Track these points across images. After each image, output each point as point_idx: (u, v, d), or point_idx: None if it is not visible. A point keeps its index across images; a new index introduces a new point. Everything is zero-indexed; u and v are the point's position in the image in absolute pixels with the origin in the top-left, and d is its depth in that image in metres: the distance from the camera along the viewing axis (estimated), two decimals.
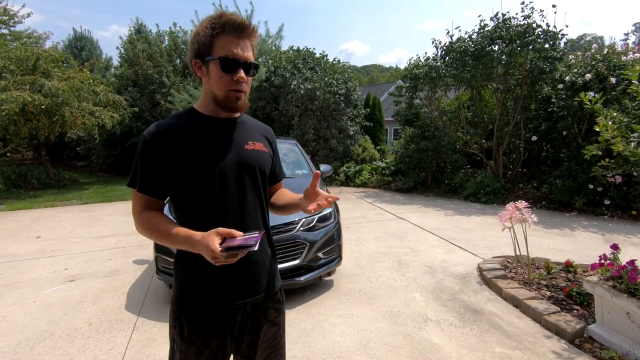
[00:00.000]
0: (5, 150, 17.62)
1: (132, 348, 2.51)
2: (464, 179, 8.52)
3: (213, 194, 1.11)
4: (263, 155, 1.23)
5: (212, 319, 1.12)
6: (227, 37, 1.07)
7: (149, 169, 1.09)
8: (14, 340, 2.63)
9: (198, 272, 1.12)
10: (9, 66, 9.22)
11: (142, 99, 12.65)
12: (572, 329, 2.52)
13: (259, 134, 1.27)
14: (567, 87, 6.68)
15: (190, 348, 1.13)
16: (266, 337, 1.23)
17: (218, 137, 1.14)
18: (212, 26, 1.07)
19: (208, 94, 1.14)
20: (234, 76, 1.08)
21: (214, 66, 1.08)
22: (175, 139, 1.09)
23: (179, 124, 1.12)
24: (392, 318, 2.88)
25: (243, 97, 1.13)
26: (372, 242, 4.87)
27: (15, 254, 4.63)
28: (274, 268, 1.28)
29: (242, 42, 1.09)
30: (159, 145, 1.08)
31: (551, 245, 4.67)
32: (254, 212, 1.18)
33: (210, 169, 1.10)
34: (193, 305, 1.13)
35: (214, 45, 1.07)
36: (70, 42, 20.61)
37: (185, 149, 1.09)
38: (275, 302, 1.26)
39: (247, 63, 1.10)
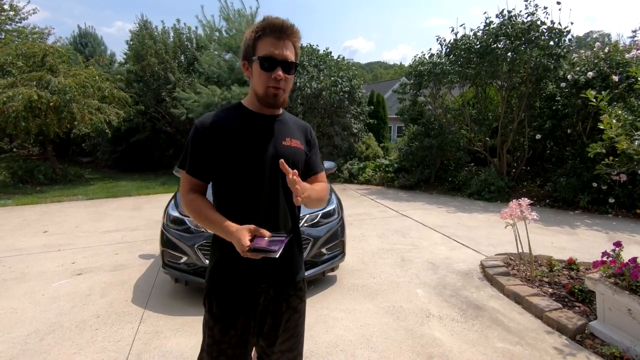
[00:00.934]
0: (12, 146, 17.79)
1: (139, 340, 2.56)
2: (468, 176, 8.52)
3: (250, 183, 1.21)
4: (298, 151, 1.32)
5: (238, 298, 1.24)
6: (268, 38, 1.17)
7: (198, 155, 1.22)
8: (24, 332, 2.69)
9: (230, 255, 1.21)
10: (17, 62, 9.28)
11: (147, 95, 12.71)
12: (574, 326, 2.54)
13: (298, 131, 1.37)
14: (571, 85, 6.65)
15: (217, 325, 1.24)
16: (289, 324, 1.32)
17: (259, 132, 1.25)
18: (256, 30, 1.18)
19: (252, 91, 1.26)
20: (272, 74, 1.17)
21: (256, 65, 1.19)
22: (222, 130, 1.21)
23: (226, 117, 1.25)
24: (394, 313, 2.91)
25: (281, 94, 1.22)
26: (375, 239, 4.90)
27: (23, 248, 4.71)
28: (298, 257, 1.37)
29: (282, 42, 1.17)
30: (207, 134, 1.20)
31: (554, 243, 4.68)
32: (284, 203, 1.28)
33: (249, 160, 1.21)
34: (223, 283, 1.25)
35: (257, 47, 1.19)
36: (74, 38, 20.70)
37: (230, 140, 1.20)
38: (297, 290, 1.35)
39: (285, 62, 1.18)
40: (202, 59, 12.02)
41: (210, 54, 12.01)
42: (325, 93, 9.78)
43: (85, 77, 10.04)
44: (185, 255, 3.03)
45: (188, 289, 3.33)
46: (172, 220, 3.22)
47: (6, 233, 5.47)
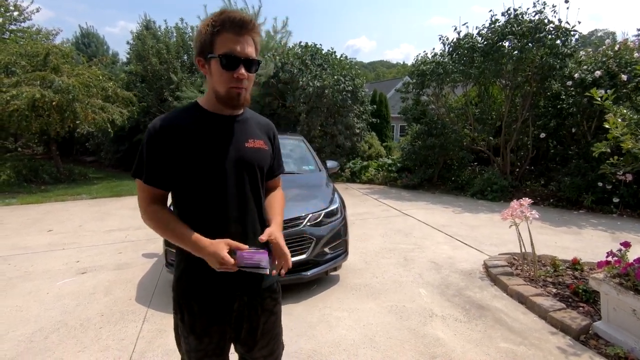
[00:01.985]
0: (16, 145, 17.89)
1: (142, 338, 2.57)
2: (471, 176, 8.49)
3: (213, 190, 1.14)
4: (263, 153, 1.26)
5: (210, 307, 1.18)
6: (227, 34, 1.08)
7: (155, 161, 1.12)
8: (29, 330, 2.70)
9: (197, 263, 1.15)
10: (20, 62, 9.33)
11: (150, 95, 12.75)
12: (578, 326, 2.53)
13: (261, 131, 1.29)
14: (577, 84, 6.61)
15: (191, 335, 1.19)
16: (266, 327, 1.29)
17: (220, 134, 1.16)
18: (213, 24, 1.08)
19: (211, 91, 1.16)
20: (234, 73, 1.09)
21: (215, 63, 1.09)
22: (179, 133, 1.11)
23: (183, 118, 1.15)
24: (397, 313, 2.91)
25: (244, 94, 1.14)
26: (378, 238, 4.89)
27: (28, 247, 4.74)
28: None
29: (242, 38, 1.09)
30: (163, 138, 1.11)
31: (558, 243, 4.66)
32: (252, 209, 1.22)
33: (211, 165, 1.13)
34: (191, 293, 1.19)
35: (215, 43, 1.08)
36: (76, 38, 20.79)
37: (188, 144, 1.11)
38: (271, 292, 1.31)
39: (247, 60, 1.10)
40: None
41: None
42: (328, 91, 9.76)
43: (89, 76, 10.08)
44: None
45: None
46: None
47: (11, 232, 5.50)
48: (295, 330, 2.65)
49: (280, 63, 10.84)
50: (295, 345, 2.47)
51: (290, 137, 5.26)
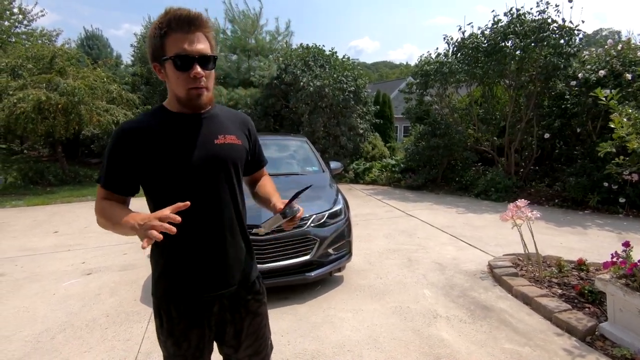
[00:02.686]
0: (22, 148, 18.05)
1: (148, 339, 2.59)
2: (475, 176, 8.46)
3: (185, 190, 1.10)
4: (235, 147, 1.22)
5: (187, 311, 1.16)
6: (176, 34, 1.03)
7: (116, 166, 1.10)
8: (36, 330, 2.73)
9: (174, 265, 1.15)
10: (27, 65, 9.43)
11: (154, 97, 12.84)
12: (584, 327, 2.51)
13: (233, 126, 1.25)
14: (581, 83, 6.57)
15: (170, 339, 1.17)
16: (251, 329, 1.27)
17: (186, 134, 1.13)
18: (160, 25, 1.04)
19: (172, 95, 1.13)
20: (189, 73, 1.04)
21: (169, 66, 1.05)
22: (143, 136, 1.08)
23: (147, 121, 1.12)
24: (401, 314, 2.90)
25: (205, 93, 1.10)
26: (381, 239, 4.89)
27: (34, 248, 4.78)
28: (248, 261, 1.28)
29: (193, 36, 1.04)
30: (127, 143, 1.08)
31: (563, 243, 4.63)
32: (228, 206, 1.19)
33: (179, 166, 1.10)
34: (168, 296, 1.17)
35: (165, 45, 1.04)
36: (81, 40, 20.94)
37: (153, 147, 1.08)
38: (254, 294, 1.28)
39: (201, 57, 1.05)
40: None
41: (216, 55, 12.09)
42: (328, 90, 9.75)
43: (94, 78, 10.16)
44: None
45: None
46: None
47: (18, 233, 5.55)
48: (300, 331, 2.66)
49: (284, 64, 10.87)
50: (300, 346, 2.47)
51: (293, 138, 5.27)
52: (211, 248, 1.16)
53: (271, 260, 3.03)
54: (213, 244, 1.17)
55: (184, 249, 1.15)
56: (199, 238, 1.14)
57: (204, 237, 1.15)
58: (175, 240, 1.10)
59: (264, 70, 11.13)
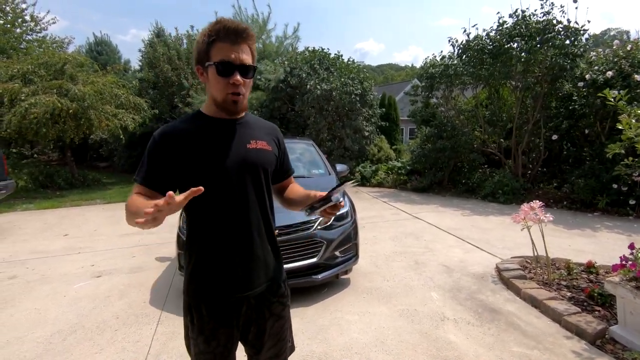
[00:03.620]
0: (33, 152, 18.33)
1: (157, 340, 2.62)
2: (482, 178, 8.40)
3: (217, 191, 1.16)
4: (266, 153, 1.27)
5: (217, 310, 1.20)
6: (223, 43, 1.12)
7: (155, 167, 1.16)
8: (48, 332, 2.78)
9: (204, 264, 1.20)
10: (39, 71, 9.60)
11: (161, 101, 12.98)
12: (593, 330, 2.49)
13: (263, 133, 1.31)
14: (588, 84, 6.51)
15: (200, 337, 1.21)
16: (274, 330, 1.29)
17: (221, 138, 1.20)
18: (209, 33, 1.12)
19: (210, 97, 1.21)
20: (230, 79, 1.13)
21: (212, 71, 1.13)
22: (181, 139, 1.16)
23: (185, 125, 1.20)
24: (408, 316, 2.90)
25: (241, 100, 1.18)
26: (388, 242, 4.88)
27: (45, 251, 4.86)
28: (275, 263, 1.32)
29: (238, 46, 1.13)
30: (166, 145, 1.16)
31: (572, 245, 4.58)
32: (255, 209, 1.24)
33: (213, 168, 1.16)
34: (200, 295, 1.21)
35: (211, 52, 1.13)
36: (90, 46, 21.28)
37: (190, 149, 1.15)
38: (280, 296, 1.32)
39: (243, 66, 1.14)
40: None
41: None
42: (335, 94, 9.79)
43: (103, 84, 10.31)
44: None
45: None
46: None
47: (29, 236, 5.65)
48: (307, 334, 2.67)
49: (289, 68, 10.93)
50: (307, 349, 2.48)
51: (299, 141, 5.30)
52: (239, 249, 1.21)
53: None
54: (241, 245, 1.21)
55: (214, 250, 1.20)
56: (228, 239, 1.19)
57: (232, 238, 1.20)
58: (206, 241, 1.20)
59: (270, 74, 11.20)
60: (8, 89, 8.79)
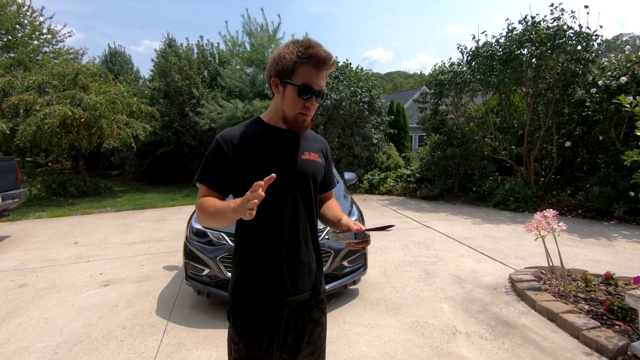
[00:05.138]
0: (47, 161, 18.74)
1: (162, 352, 2.59)
2: (493, 186, 8.27)
3: (270, 198, 1.18)
4: (317, 165, 1.33)
5: (261, 312, 1.23)
6: (310, 67, 1.17)
7: (218, 168, 1.22)
8: (54, 342, 2.77)
9: (252, 267, 1.24)
10: (52, 82, 9.83)
11: (172, 110, 13.15)
12: (614, 346, 2.37)
13: (316, 146, 1.38)
14: (602, 90, 6.38)
15: (242, 340, 1.23)
16: (312, 338, 1.31)
17: (279, 146, 1.25)
18: (299, 54, 1.17)
19: (278, 110, 1.26)
20: (306, 102, 1.20)
21: (292, 90, 1.19)
22: (244, 144, 1.22)
23: (246, 131, 1.26)
24: (419, 329, 2.81)
25: (308, 120, 1.26)
26: (397, 251, 4.80)
27: (55, 259, 4.90)
28: (318, 271, 1.36)
29: (321, 73, 1.20)
30: (229, 148, 1.21)
31: (589, 255, 4.44)
32: (303, 218, 1.28)
33: (269, 173, 1.17)
34: (246, 297, 1.24)
35: (296, 72, 1.18)
36: (105, 57, 21.82)
37: (249, 154, 1.21)
38: (319, 303, 1.34)
39: (320, 92, 1.22)
40: (224, 73, 12.35)
41: (232, 68, 12.33)
42: (345, 103, 9.81)
43: (115, 93, 10.50)
44: (207, 267, 3.06)
45: (210, 301, 3.35)
46: (195, 233, 3.26)
47: (41, 244, 5.71)
48: None
49: None
50: None
51: None
52: (287, 255, 1.24)
53: None
54: (289, 251, 1.24)
55: (263, 253, 1.23)
56: (277, 244, 1.23)
57: (282, 243, 1.23)
58: (256, 244, 1.23)
59: None
60: (24, 100, 9.01)
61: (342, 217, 1.34)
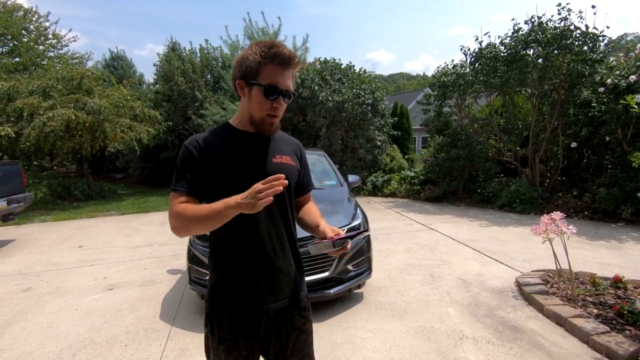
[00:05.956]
0: (52, 164, 18.86)
1: (166, 357, 2.57)
2: (498, 188, 8.20)
3: None
4: (290, 168, 1.30)
5: (237, 320, 1.20)
6: (274, 67, 1.16)
7: (192, 174, 1.19)
8: (58, 347, 2.76)
9: (227, 276, 1.22)
10: (57, 85, 9.89)
11: (175, 114, 13.20)
12: (625, 352, 2.32)
13: (288, 148, 1.35)
14: (609, 90, 6.32)
15: (221, 346, 1.21)
16: (297, 346, 1.28)
17: (249, 151, 1.23)
18: (262, 54, 1.15)
19: (245, 113, 1.23)
20: (273, 102, 1.18)
21: (257, 91, 1.17)
22: (212, 150, 1.19)
23: (215, 136, 1.24)
24: (425, 334, 2.78)
25: (276, 121, 1.24)
26: (402, 254, 4.76)
27: (59, 263, 4.90)
28: (298, 277, 1.33)
29: (286, 72, 1.18)
30: (197, 154, 1.19)
31: (596, 258, 4.38)
32: (279, 223, 1.25)
33: (239, 179, 1.18)
34: (221, 305, 1.22)
35: (261, 72, 1.16)
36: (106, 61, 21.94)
37: (219, 160, 1.19)
38: (301, 310, 1.31)
39: (287, 91, 1.20)
40: (227, 77, 12.38)
41: None
42: (347, 105, 9.79)
43: (118, 97, 10.55)
44: None
45: None
46: (199, 237, 3.25)
47: (45, 248, 5.73)
48: (320, 352, 2.57)
49: (300, 79, 10.99)
50: None
51: (311, 152, 5.25)
52: (262, 262, 1.22)
53: None
54: (264, 258, 1.22)
55: (237, 261, 1.21)
56: (251, 251, 1.21)
57: (256, 250, 1.21)
58: (230, 252, 1.21)
59: None
60: (28, 104, 9.06)
61: (320, 223, 1.31)
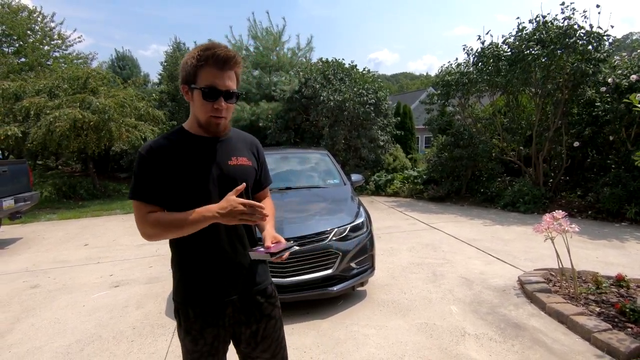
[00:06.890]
0: (57, 164, 19.00)
1: (172, 352, 2.61)
2: (501, 187, 8.19)
3: (198, 206, 1.19)
4: (246, 169, 1.34)
5: (202, 312, 1.26)
6: (210, 69, 1.17)
7: (148, 181, 1.20)
8: (66, 342, 2.81)
9: (190, 273, 1.28)
10: (63, 85, 9.98)
11: (179, 113, 13.28)
12: (627, 349, 2.34)
13: (244, 148, 1.38)
14: (612, 89, 6.30)
15: (187, 337, 1.28)
16: (267, 332, 1.35)
17: (203, 155, 1.25)
18: (198, 57, 1.17)
19: (193, 116, 1.27)
20: (214, 104, 1.19)
21: (198, 94, 1.19)
22: (166, 154, 1.21)
23: (169, 142, 1.25)
24: (427, 331, 2.81)
25: (223, 122, 1.25)
26: (405, 253, 4.78)
27: (66, 260, 4.97)
28: (260, 269, 1.38)
29: (225, 73, 1.19)
30: (152, 160, 1.20)
31: (599, 257, 4.38)
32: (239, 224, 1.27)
33: (193, 183, 1.22)
34: (186, 300, 1.28)
35: (198, 76, 1.18)
36: (112, 61, 22.07)
37: (174, 165, 1.21)
38: (267, 297, 1.37)
39: (227, 92, 1.20)
40: None
41: None
42: (348, 104, 9.81)
43: (123, 97, 10.63)
44: None
45: None
46: None
47: (52, 246, 5.80)
48: (322, 347, 2.61)
49: (304, 79, 11.03)
50: None
51: (314, 152, 5.29)
52: (223, 259, 1.28)
53: (292, 274, 3.02)
54: (225, 256, 1.28)
55: (199, 259, 1.27)
56: (213, 249, 1.26)
57: (217, 248, 1.26)
58: (191, 252, 1.27)
59: (285, 85, 11.32)
60: (34, 103, 9.15)
61: (266, 227, 1.35)
